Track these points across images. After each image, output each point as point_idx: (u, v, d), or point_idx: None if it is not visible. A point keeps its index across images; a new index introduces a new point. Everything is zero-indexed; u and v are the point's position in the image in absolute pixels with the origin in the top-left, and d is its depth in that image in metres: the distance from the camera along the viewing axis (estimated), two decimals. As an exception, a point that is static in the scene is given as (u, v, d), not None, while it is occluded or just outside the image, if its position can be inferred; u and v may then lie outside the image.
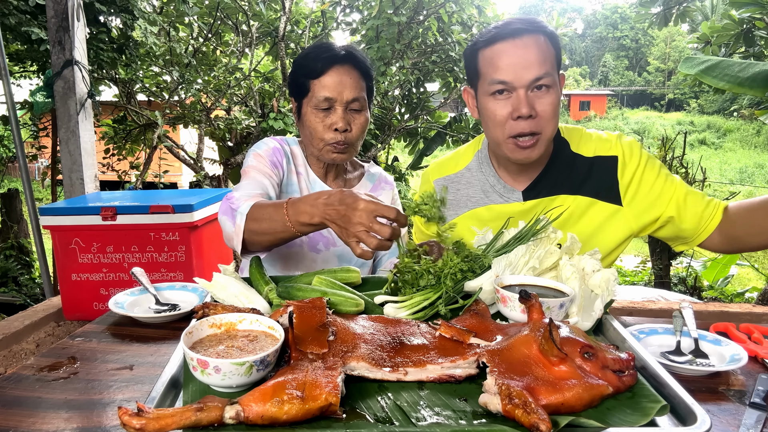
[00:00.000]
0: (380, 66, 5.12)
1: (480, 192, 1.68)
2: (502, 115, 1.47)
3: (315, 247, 1.81)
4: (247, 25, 5.82)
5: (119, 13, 4.89)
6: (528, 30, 1.44)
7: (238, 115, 5.92)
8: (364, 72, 1.71)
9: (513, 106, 1.45)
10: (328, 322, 1.04)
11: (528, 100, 1.43)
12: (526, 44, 1.43)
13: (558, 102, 1.47)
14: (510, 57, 1.43)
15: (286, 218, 1.32)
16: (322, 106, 1.66)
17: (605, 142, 1.60)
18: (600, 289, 1.20)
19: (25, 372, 1.13)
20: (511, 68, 1.42)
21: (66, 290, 3.20)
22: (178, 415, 0.76)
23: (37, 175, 12.76)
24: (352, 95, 1.66)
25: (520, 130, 1.45)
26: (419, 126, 6.21)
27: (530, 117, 1.44)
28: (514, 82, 1.43)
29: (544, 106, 1.44)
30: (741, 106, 28.30)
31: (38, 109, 4.08)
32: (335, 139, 1.67)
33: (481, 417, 0.84)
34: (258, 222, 1.39)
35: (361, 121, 1.71)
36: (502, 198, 1.64)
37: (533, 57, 1.42)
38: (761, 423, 0.93)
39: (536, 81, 1.42)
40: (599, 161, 1.58)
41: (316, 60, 1.67)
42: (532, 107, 1.43)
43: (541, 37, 1.45)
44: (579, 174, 1.59)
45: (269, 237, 1.40)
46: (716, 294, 5.24)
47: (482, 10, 5.63)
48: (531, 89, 1.44)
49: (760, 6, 3.96)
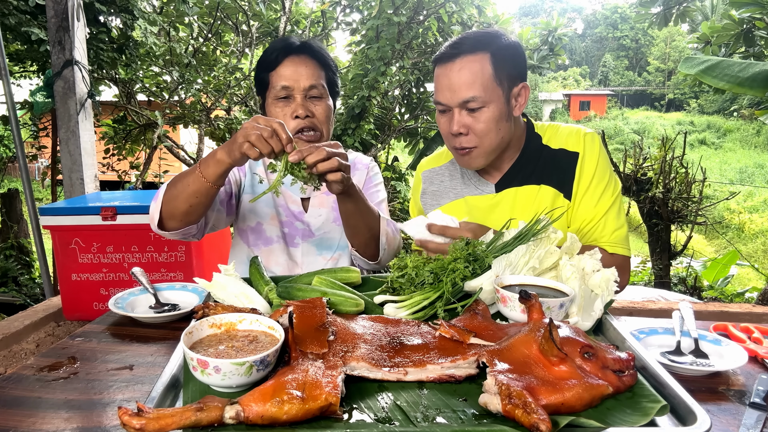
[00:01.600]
0: (380, 66, 5.12)
1: (460, 184, 1.78)
2: (445, 130, 1.61)
3: (293, 242, 1.83)
4: (247, 25, 5.82)
5: (119, 13, 4.90)
6: (464, 51, 1.52)
7: (238, 115, 5.92)
8: (321, 62, 1.74)
9: (449, 123, 1.58)
10: (328, 322, 1.05)
11: (460, 119, 1.55)
12: (457, 68, 1.52)
13: (495, 117, 1.54)
14: (443, 79, 1.55)
15: (198, 172, 1.42)
16: (280, 95, 1.69)
17: (572, 136, 1.66)
18: (600, 289, 1.20)
19: (25, 372, 1.13)
20: (445, 90, 1.55)
21: (66, 290, 3.20)
22: (178, 415, 0.76)
23: (37, 175, 12.76)
24: (308, 83, 1.69)
25: (457, 144, 1.59)
26: (419, 126, 6.21)
27: (461, 134, 1.56)
28: (448, 103, 1.55)
29: (477, 124, 1.54)
30: (741, 106, 28.31)
31: (38, 109, 4.09)
32: (299, 125, 1.69)
33: (481, 417, 0.84)
34: (174, 185, 1.48)
35: (322, 107, 1.73)
36: (477, 190, 1.73)
37: (463, 81, 1.51)
38: (761, 423, 0.93)
39: (465, 103, 1.53)
40: (562, 155, 1.65)
41: (273, 52, 1.71)
42: (463, 125, 1.55)
43: (479, 57, 1.51)
44: (545, 164, 1.66)
45: (184, 195, 1.45)
46: (716, 294, 5.24)
47: (482, 10, 5.64)
48: (464, 108, 1.54)
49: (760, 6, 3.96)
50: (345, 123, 5.41)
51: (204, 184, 1.42)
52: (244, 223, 1.86)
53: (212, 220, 1.70)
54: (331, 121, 1.78)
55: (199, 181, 1.42)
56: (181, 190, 1.46)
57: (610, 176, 1.65)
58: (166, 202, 1.49)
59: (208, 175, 1.41)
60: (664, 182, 5.09)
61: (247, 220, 1.85)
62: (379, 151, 6.10)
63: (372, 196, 1.89)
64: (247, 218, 1.85)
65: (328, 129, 1.77)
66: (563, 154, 1.64)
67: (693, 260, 5.60)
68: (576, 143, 1.64)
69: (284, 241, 1.83)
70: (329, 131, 1.78)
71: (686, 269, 5.50)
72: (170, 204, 1.49)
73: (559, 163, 1.64)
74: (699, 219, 5.19)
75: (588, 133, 1.66)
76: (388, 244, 1.68)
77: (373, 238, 1.65)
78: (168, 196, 1.49)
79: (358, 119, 5.40)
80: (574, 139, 1.65)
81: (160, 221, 1.53)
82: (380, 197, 1.90)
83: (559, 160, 1.64)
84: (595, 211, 1.62)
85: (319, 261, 1.83)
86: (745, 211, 14.94)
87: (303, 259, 1.83)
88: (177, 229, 1.55)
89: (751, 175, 21.10)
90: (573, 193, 1.62)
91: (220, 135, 6.04)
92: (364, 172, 1.94)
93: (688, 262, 5.56)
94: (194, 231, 1.60)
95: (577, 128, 1.69)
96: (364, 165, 1.96)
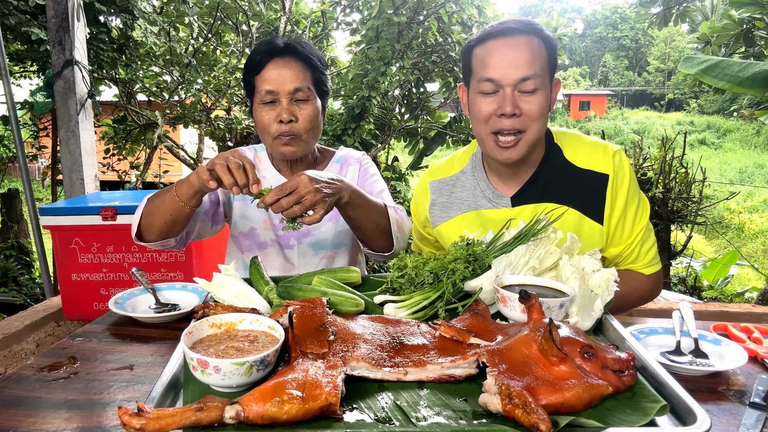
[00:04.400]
0: (380, 66, 5.12)
1: (471, 196, 1.67)
2: (487, 112, 1.47)
3: (288, 244, 1.82)
4: (247, 25, 5.82)
5: (119, 13, 4.90)
6: (521, 30, 1.44)
7: (238, 115, 5.92)
8: (307, 62, 1.70)
9: (498, 104, 1.45)
10: (328, 322, 1.05)
11: (513, 98, 1.43)
12: (517, 43, 1.43)
13: (545, 105, 1.46)
14: (500, 55, 1.43)
15: (173, 191, 1.48)
16: (266, 100, 1.67)
17: (598, 155, 1.57)
18: (600, 289, 1.20)
19: (25, 372, 1.13)
20: (500, 66, 1.43)
21: (66, 290, 3.20)
22: (178, 415, 0.76)
23: (37, 175, 12.75)
24: (293, 86, 1.66)
25: (501, 127, 1.46)
26: (419, 126, 6.21)
27: (514, 115, 1.44)
28: (501, 79, 1.43)
29: (530, 106, 1.43)
30: (741, 106, 28.28)
31: (38, 109, 4.08)
32: (280, 130, 1.67)
33: (481, 417, 0.84)
34: (153, 201, 1.55)
35: (308, 111, 1.69)
36: (491, 203, 1.63)
37: (522, 57, 1.42)
38: (761, 423, 0.93)
39: (523, 81, 1.42)
40: (591, 177, 1.55)
41: (257, 55, 1.68)
42: (516, 105, 1.43)
43: (535, 39, 1.44)
44: (569, 184, 1.56)
45: (160, 212, 1.52)
46: (716, 294, 5.24)
47: (482, 10, 5.64)
48: (518, 89, 1.43)
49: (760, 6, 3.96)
50: (345, 123, 5.41)
51: (178, 203, 1.48)
52: (236, 229, 1.86)
53: (196, 231, 1.74)
54: (318, 123, 1.74)
55: (174, 201, 1.48)
56: (158, 207, 1.52)
57: (640, 195, 1.59)
58: (145, 216, 1.57)
59: (181, 196, 1.47)
60: (664, 182, 5.09)
61: (239, 227, 1.85)
62: (379, 151, 6.10)
63: (370, 187, 1.86)
64: (239, 224, 1.85)
65: (312, 133, 1.73)
66: (590, 175, 1.55)
67: (693, 260, 5.61)
68: (605, 164, 1.54)
69: (279, 244, 1.82)
70: (312, 135, 1.74)
71: (686, 269, 5.51)
72: (147, 218, 1.56)
73: (585, 185, 1.55)
74: (699, 219, 5.20)
75: (615, 152, 1.56)
76: (399, 231, 1.65)
77: (383, 232, 1.63)
78: (146, 210, 1.56)
79: (358, 119, 5.40)
80: (602, 158, 1.55)
81: (139, 233, 1.60)
82: (379, 187, 1.86)
83: (586, 182, 1.55)
84: (633, 236, 1.57)
85: (315, 261, 1.83)
86: (745, 211, 14.94)
87: (300, 260, 1.82)
88: (154, 241, 1.61)
89: (751, 175, 21.09)
90: (606, 217, 1.54)
91: (220, 135, 6.04)
92: (356, 167, 1.91)
93: (688, 262, 5.56)
94: (173, 243, 1.66)
95: (603, 145, 1.59)
96: (356, 160, 1.93)
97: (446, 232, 1.69)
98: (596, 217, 1.55)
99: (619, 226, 1.56)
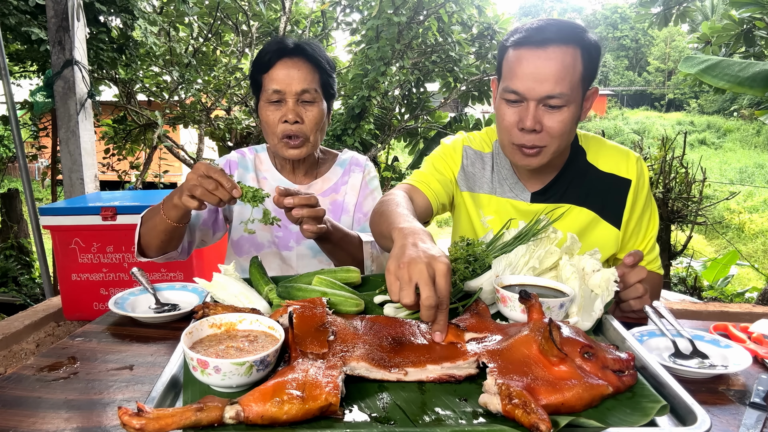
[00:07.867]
0: (380, 66, 5.12)
1: (496, 180, 1.66)
2: (510, 122, 1.44)
3: (286, 246, 1.82)
4: (247, 25, 5.83)
5: (119, 13, 4.89)
6: (558, 41, 1.36)
7: (238, 115, 5.92)
8: (315, 64, 1.69)
9: (520, 116, 1.41)
10: (328, 322, 1.05)
11: (536, 114, 1.38)
12: (549, 56, 1.35)
13: (571, 120, 1.41)
14: (529, 66, 1.37)
15: (162, 215, 1.49)
16: (272, 99, 1.67)
17: (621, 160, 1.58)
18: (600, 289, 1.20)
19: (25, 372, 1.13)
20: (527, 78, 1.37)
21: (66, 290, 3.20)
22: (178, 415, 0.76)
23: (37, 175, 12.75)
24: (300, 87, 1.65)
25: (523, 142, 1.43)
26: (419, 126, 6.21)
27: (534, 131, 1.40)
28: (526, 93, 1.38)
29: (553, 123, 1.39)
30: (741, 106, 28.29)
31: (38, 109, 4.08)
32: (286, 131, 1.66)
33: (481, 417, 0.84)
34: (146, 222, 1.58)
35: (314, 113, 1.68)
36: (511, 192, 1.62)
37: (552, 72, 1.35)
38: (761, 423, 0.93)
39: (548, 98, 1.37)
40: (613, 180, 1.57)
41: (266, 54, 1.68)
42: (538, 121, 1.39)
43: (570, 51, 1.36)
44: (589, 186, 1.57)
45: (154, 233, 1.55)
46: (716, 294, 5.25)
47: (482, 10, 5.64)
48: (543, 103, 1.39)
49: (760, 6, 3.96)
50: (345, 123, 5.41)
51: (168, 224, 1.50)
52: (235, 232, 1.86)
53: (198, 241, 1.76)
54: (323, 125, 1.74)
55: (164, 221, 1.51)
56: (152, 227, 1.56)
57: (653, 204, 1.63)
58: (142, 235, 1.60)
59: (169, 216, 1.49)
60: (664, 182, 5.10)
61: (239, 229, 1.84)
62: (379, 151, 6.10)
63: (365, 202, 1.86)
64: (239, 227, 1.84)
65: (318, 135, 1.74)
66: (612, 179, 1.56)
67: (693, 260, 5.61)
68: (628, 169, 1.56)
69: (276, 246, 1.82)
70: (318, 137, 1.74)
71: (686, 269, 5.51)
72: (144, 238, 1.60)
73: (606, 188, 1.56)
74: (699, 219, 5.20)
75: (639, 158, 1.59)
76: (374, 263, 1.68)
77: (356, 262, 1.65)
78: (142, 230, 1.60)
79: (358, 119, 5.40)
80: (625, 164, 1.57)
81: (141, 250, 1.63)
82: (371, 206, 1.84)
83: (607, 185, 1.56)
84: (646, 241, 1.61)
85: (313, 263, 1.82)
86: (745, 211, 14.92)
87: (298, 263, 1.81)
88: (156, 256, 1.65)
89: (751, 175, 21.08)
90: (624, 222, 1.56)
91: (220, 135, 6.04)
92: (360, 175, 1.90)
93: (688, 262, 5.56)
94: (176, 255, 1.68)
95: (626, 151, 1.60)
96: (359, 167, 1.92)
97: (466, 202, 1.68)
98: (614, 221, 1.57)
99: (635, 231, 1.60)
